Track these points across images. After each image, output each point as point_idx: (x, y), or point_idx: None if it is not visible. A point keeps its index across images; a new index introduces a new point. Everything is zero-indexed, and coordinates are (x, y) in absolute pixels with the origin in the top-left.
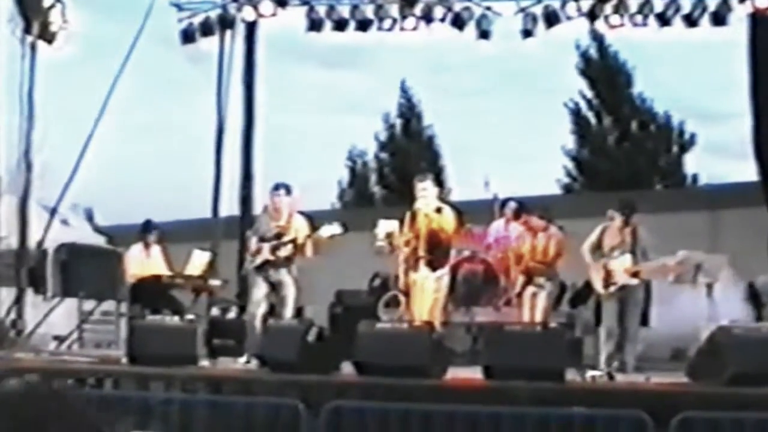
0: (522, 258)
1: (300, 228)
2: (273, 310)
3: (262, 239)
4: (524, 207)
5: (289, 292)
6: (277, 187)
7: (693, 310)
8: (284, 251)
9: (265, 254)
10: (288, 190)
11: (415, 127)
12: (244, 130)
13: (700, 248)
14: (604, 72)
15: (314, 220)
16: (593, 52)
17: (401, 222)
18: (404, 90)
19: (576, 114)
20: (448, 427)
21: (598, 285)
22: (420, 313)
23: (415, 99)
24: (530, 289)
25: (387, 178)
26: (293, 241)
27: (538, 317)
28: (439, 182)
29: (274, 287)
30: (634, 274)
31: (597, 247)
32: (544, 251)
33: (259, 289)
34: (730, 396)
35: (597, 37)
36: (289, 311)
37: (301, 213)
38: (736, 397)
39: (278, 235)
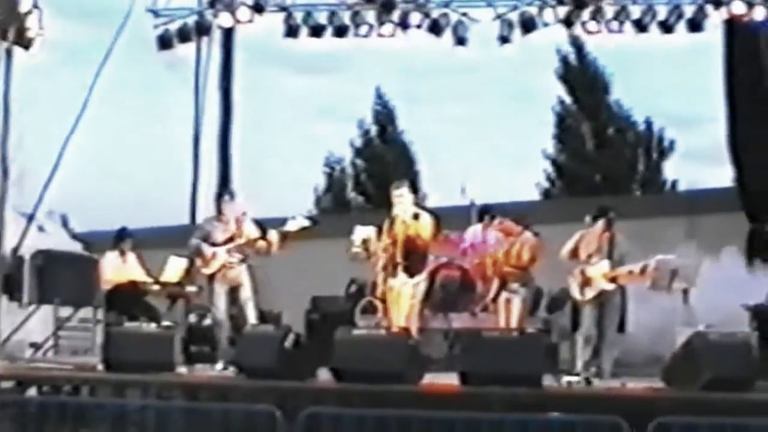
0: (496, 262)
1: (251, 232)
2: (233, 316)
3: (214, 245)
4: (502, 213)
5: (248, 296)
6: (221, 194)
7: (669, 316)
8: (240, 253)
9: (222, 258)
10: (232, 196)
11: (391, 133)
12: (221, 136)
13: (677, 254)
14: (583, 78)
15: (270, 225)
16: (572, 58)
17: (378, 228)
18: (379, 96)
19: (559, 119)
20: None
21: (575, 291)
22: (397, 319)
23: (390, 105)
24: (504, 295)
25: (363, 185)
26: (248, 243)
27: (514, 323)
28: (415, 188)
29: (233, 293)
30: (612, 279)
31: (574, 254)
32: (518, 256)
33: (220, 297)
34: (706, 401)
35: (576, 44)
36: (251, 315)
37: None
38: (712, 402)
39: (231, 239)
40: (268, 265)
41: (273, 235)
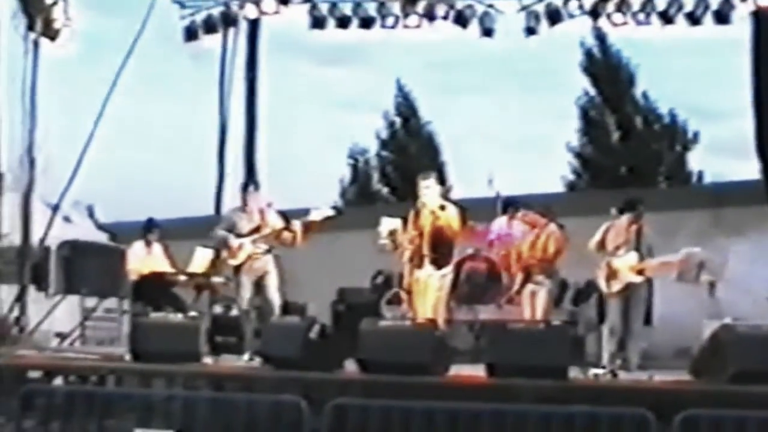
0: (521, 255)
1: (275, 223)
2: (261, 309)
3: (239, 235)
4: (527, 205)
5: (275, 286)
6: (246, 185)
7: (696, 308)
8: (266, 243)
9: (248, 249)
10: (256, 186)
11: (415, 125)
12: (247, 127)
13: (703, 246)
14: (607, 70)
15: (290, 217)
16: (596, 50)
17: (404, 220)
18: (400, 88)
19: (583, 112)
20: (450, 425)
21: (602, 283)
22: (423, 311)
23: (411, 96)
24: (529, 287)
25: (389, 176)
26: (273, 233)
27: (539, 315)
28: (442, 180)
29: (259, 285)
30: (640, 272)
31: (601, 246)
32: (543, 248)
33: (245, 289)
34: (734, 394)
35: (600, 36)
36: (277, 305)
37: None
38: (739, 394)
39: (257, 230)
40: (294, 257)
41: (296, 225)
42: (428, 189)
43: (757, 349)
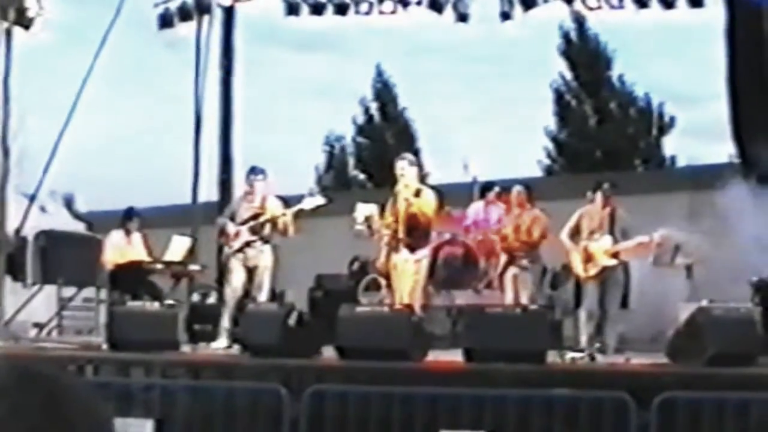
0: (506, 238)
1: (275, 209)
2: (247, 294)
3: (239, 222)
4: (506, 190)
5: (266, 276)
6: (253, 171)
7: (672, 291)
8: (263, 231)
9: (245, 236)
10: (264, 174)
11: (391, 111)
12: (222, 114)
13: (679, 229)
14: (584, 54)
15: (290, 203)
16: (574, 34)
17: (380, 205)
18: (380, 74)
19: (559, 96)
20: (429, 410)
21: (578, 268)
22: (400, 296)
23: (390, 82)
24: (512, 270)
25: (365, 162)
26: (271, 220)
27: (523, 300)
28: (418, 163)
29: (251, 272)
30: (614, 255)
31: (576, 232)
32: (528, 231)
33: (238, 275)
34: (711, 376)
35: (578, 20)
36: (264, 295)
37: (278, 197)
38: (716, 377)
39: (255, 217)
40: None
41: (288, 213)
42: (403, 171)
43: (734, 332)
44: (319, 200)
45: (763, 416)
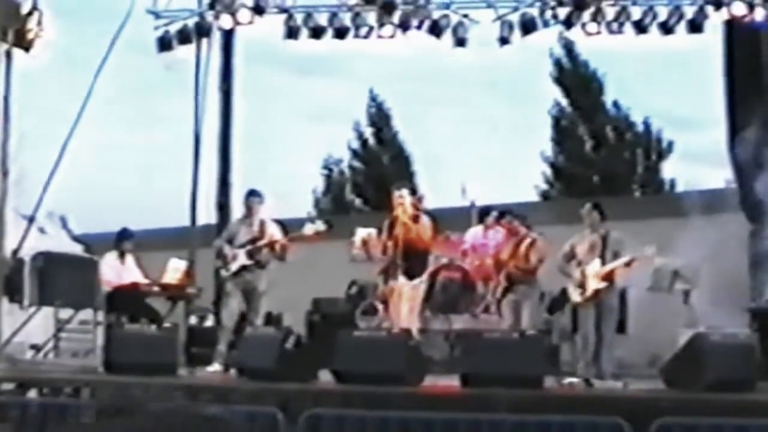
0: (503, 263)
1: (274, 233)
2: (244, 318)
3: (237, 246)
4: (505, 214)
5: (262, 300)
6: (251, 194)
7: (670, 317)
8: (261, 255)
9: (242, 260)
10: (262, 197)
11: (386, 135)
12: (221, 137)
13: (677, 254)
14: (577, 80)
15: (288, 227)
16: (565, 60)
17: (378, 230)
18: (373, 98)
19: (556, 121)
20: None
21: (572, 292)
22: (398, 320)
23: (385, 107)
24: (511, 297)
25: (361, 187)
26: (270, 244)
27: (525, 325)
28: (414, 191)
29: (248, 295)
30: (606, 278)
31: (571, 257)
32: (525, 257)
33: (234, 299)
34: (708, 402)
35: (567, 45)
36: (260, 319)
37: (276, 220)
38: (713, 403)
39: (253, 241)
40: (268, 267)
41: (288, 239)
42: (401, 199)
43: (732, 358)
44: (320, 226)
45: None
